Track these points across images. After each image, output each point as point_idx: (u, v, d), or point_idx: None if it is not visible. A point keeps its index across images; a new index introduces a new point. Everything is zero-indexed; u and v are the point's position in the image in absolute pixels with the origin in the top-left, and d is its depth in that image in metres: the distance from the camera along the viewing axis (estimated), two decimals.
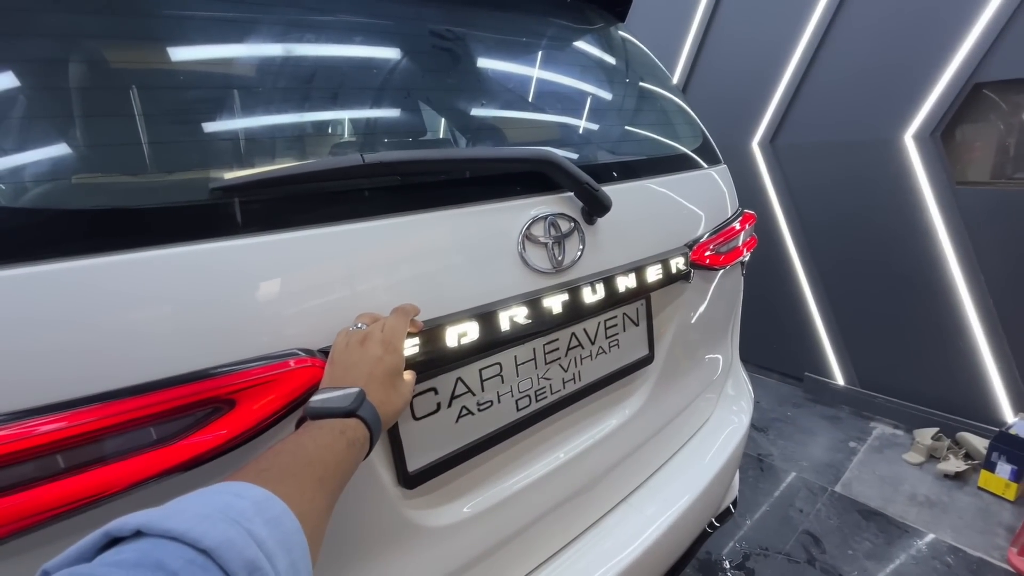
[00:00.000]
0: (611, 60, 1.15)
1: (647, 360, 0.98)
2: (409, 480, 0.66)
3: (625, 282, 0.82)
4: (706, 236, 1.03)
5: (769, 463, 2.36)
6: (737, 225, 1.13)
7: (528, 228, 0.72)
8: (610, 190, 0.82)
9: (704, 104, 2.96)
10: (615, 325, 0.91)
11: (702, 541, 1.26)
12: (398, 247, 0.63)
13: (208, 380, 0.47)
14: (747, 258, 1.26)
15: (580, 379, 0.87)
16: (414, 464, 0.66)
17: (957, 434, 2.31)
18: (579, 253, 0.78)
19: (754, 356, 3.18)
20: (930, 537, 1.88)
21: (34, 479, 0.41)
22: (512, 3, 0.99)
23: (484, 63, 0.90)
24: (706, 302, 1.10)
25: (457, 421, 0.71)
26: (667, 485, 1.07)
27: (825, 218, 2.61)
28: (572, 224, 0.77)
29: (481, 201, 0.70)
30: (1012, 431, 1.98)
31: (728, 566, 1.82)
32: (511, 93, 0.91)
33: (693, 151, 1.13)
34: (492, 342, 0.67)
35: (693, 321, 1.07)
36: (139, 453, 0.45)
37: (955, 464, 2.17)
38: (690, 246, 0.99)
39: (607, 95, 1.08)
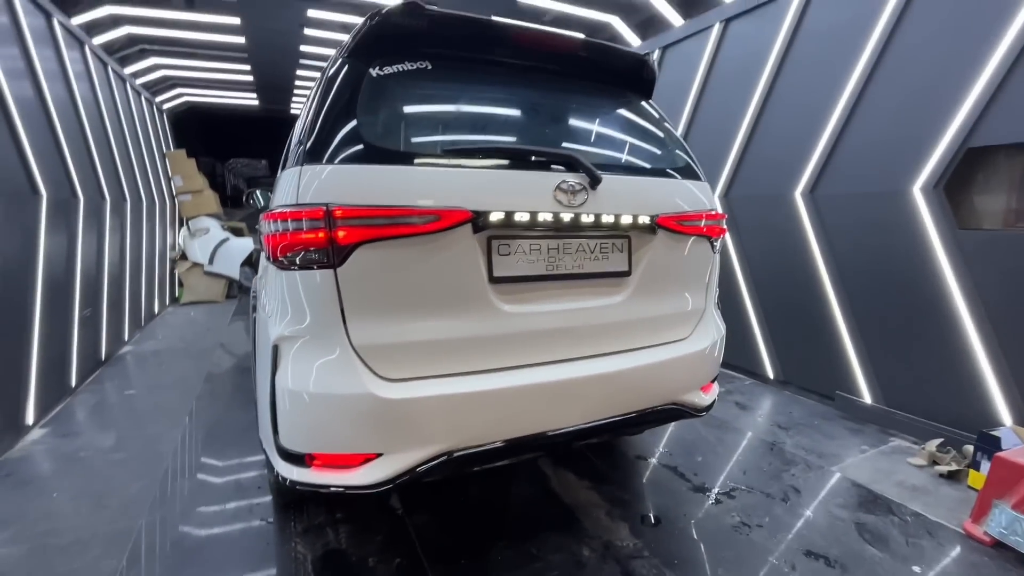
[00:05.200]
0: (636, 115, 2.03)
1: (627, 273, 1.77)
2: (493, 279, 1.54)
3: (608, 219, 1.65)
4: (671, 213, 1.82)
5: (780, 448, 2.81)
6: (699, 216, 1.89)
7: (560, 184, 1.60)
8: (615, 178, 1.69)
9: (759, 160, 3.65)
10: (607, 248, 1.73)
11: (673, 415, 1.92)
12: (507, 182, 1.55)
13: (440, 210, 1.43)
14: (716, 242, 2.00)
15: (583, 268, 1.68)
16: (497, 273, 1.55)
17: (964, 446, 2.58)
18: (584, 201, 1.63)
19: (795, 378, 3.58)
20: (900, 506, 2.25)
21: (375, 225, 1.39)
22: (584, 88, 1.94)
23: (561, 110, 1.85)
24: (671, 253, 1.85)
25: (516, 262, 1.58)
26: (641, 353, 1.81)
27: (856, 259, 3.10)
28: (582, 186, 1.63)
29: (545, 170, 1.60)
30: (993, 432, 2.29)
31: (715, 492, 2.36)
32: (573, 126, 1.84)
33: (678, 169, 1.94)
34: (537, 225, 1.54)
35: (661, 262, 1.83)
36: (415, 225, 1.40)
37: (951, 466, 2.47)
38: (656, 215, 1.79)
39: (628, 132, 1.95)
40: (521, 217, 1.53)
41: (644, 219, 1.75)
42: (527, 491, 2.37)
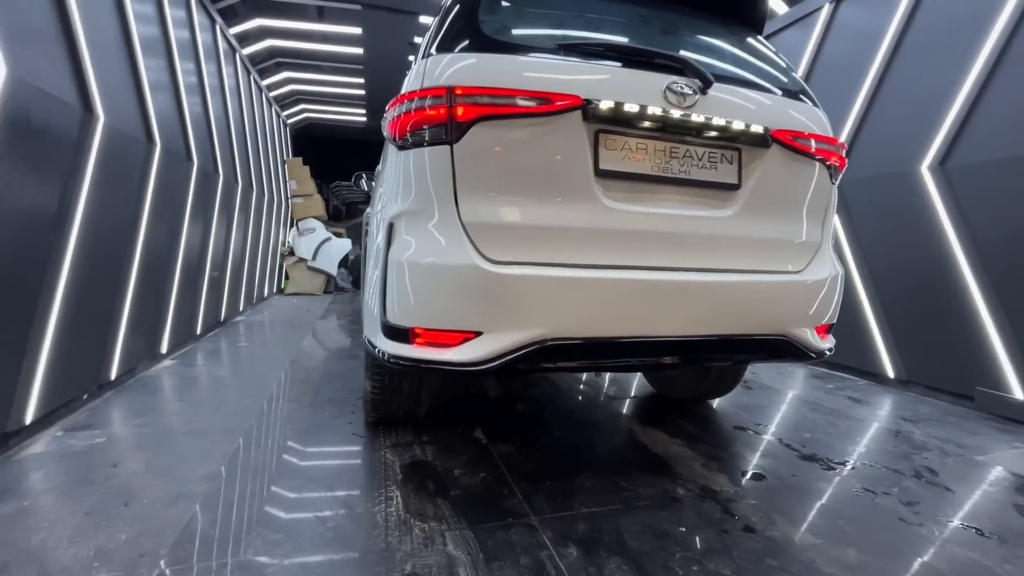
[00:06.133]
0: (749, 40, 1.98)
1: (736, 186, 1.69)
2: (599, 172, 1.54)
3: (719, 122, 1.61)
4: (786, 128, 1.73)
5: (907, 436, 2.46)
6: (817, 138, 1.78)
7: (670, 84, 1.58)
8: (728, 87, 1.66)
9: (875, 138, 3.39)
10: (715, 157, 1.67)
11: (783, 349, 1.76)
12: (618, 77, 1.56)
13: (552, 93, 1.47)
14: (836, 172, 1.86)
15: (691, 174, 1.63)
16: (603, 166, 1.55)
17: None
18: (694, 103, 1.60)
19: (922, 376, 3.15)
20: None
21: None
22: (698, 12, 1.95)
23: (674, 26, 1.87)
24: (785, 172, 1.74)
25: (622, 159, 1.57)
26: (750, 275, 1.70)
27: (1001, 233, 2.72)
28: (693, 89, 1.61)
29: (659, 70, 1.60)
30: None
31: (830, 462, 2.10)
32: (686, 40, 1.84)
33: (793, 92, 1.86)
34: (645, 120, 1.54)
35: (774, 180, 1.73)
36: (528, 106, 1.45)
37: None
38: (770, 129, 1.70)
39: (741, 51, 1.91)
40: (630, 109, 1.53)
41: (757, 128, 1.67)
42: (614, 440, 2.27)
